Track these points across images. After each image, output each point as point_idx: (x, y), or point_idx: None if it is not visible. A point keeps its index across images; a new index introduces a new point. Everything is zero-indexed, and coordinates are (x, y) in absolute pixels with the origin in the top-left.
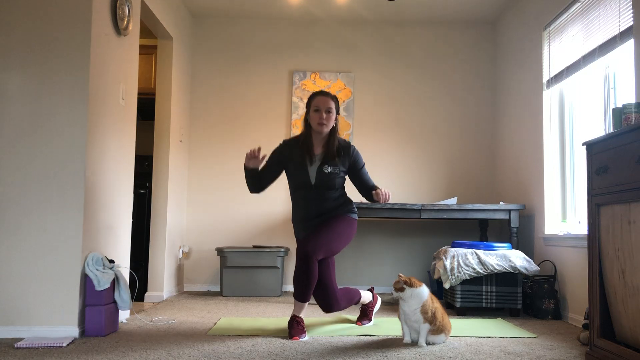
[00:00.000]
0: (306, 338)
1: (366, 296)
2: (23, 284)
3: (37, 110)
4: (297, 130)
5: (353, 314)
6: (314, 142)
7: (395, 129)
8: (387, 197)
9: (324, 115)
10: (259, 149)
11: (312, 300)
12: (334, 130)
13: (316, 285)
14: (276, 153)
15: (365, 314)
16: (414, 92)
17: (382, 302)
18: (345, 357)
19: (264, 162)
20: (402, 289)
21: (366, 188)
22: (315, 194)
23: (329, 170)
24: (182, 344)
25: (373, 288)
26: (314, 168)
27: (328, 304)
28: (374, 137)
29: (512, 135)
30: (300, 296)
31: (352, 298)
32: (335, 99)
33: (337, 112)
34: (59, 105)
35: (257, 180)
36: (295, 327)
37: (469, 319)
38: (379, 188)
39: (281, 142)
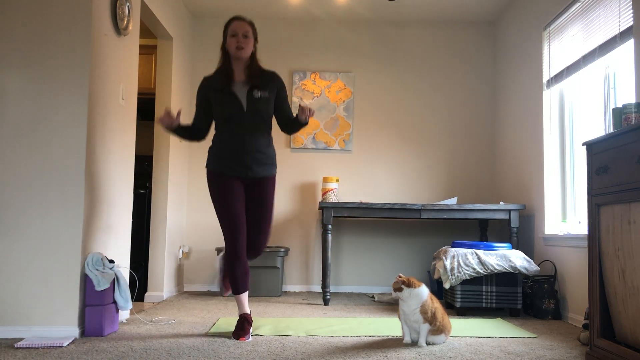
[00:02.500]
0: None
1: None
2: (23, 284)
3: (37, 110)
4: None
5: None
6: (234, 69)
7: (395, 129)
8: (310, 111)
9: (241, 39)
10: (166, 113)
11: (312, 300)
12: (254, 56)
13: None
14: (200, 91)
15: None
16: (414, 92)
17: (382, 302)
18: (345, 357)
19: (179, 119)
20: (400, 289)
21: (288, 119)
22: (248, 124)
23: (259, 95)
24: (182, 344)
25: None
26: (243, 94)
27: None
28: (373, 137)
29: (512, 135)
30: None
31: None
32: (252, 24)
33: (256, 39)
34: (59, 105)
35: (190, 132)
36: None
37: (469, 319)
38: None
39: (202, 78)
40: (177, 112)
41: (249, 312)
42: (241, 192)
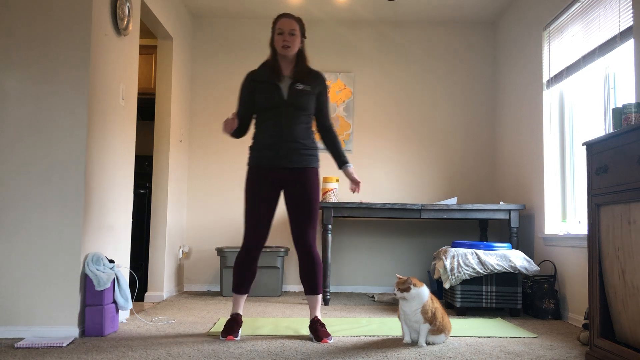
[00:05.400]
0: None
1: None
2: (23, 284)
3: (37, 110)
4: None
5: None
6: (281, 64)
7: (395, 129)
8: (357, 189)
9: (287, 38)
10: (234, 116)
11: None
12: (301, 53)
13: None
14: (244, 85)
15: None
16: (414, 92)
17: (382, 302)
18: (345, 357)
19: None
20: (407, 289)
21: (325, 125)
22: (287, 113)
23: (301, 87)
24: (182, 344)
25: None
26: (285, 85)
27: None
28: (374, 137)
29: (512, 135)
30: (319, 289)
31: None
32: (299, 20)
33: (303, 35)
34: (59, 105)
35: (238, 128)
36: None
37: (469, 319)
38: (348, 164)
39: (247, 73)
40: (234, 114)
41: (241, 313)
42: (275, 192)
